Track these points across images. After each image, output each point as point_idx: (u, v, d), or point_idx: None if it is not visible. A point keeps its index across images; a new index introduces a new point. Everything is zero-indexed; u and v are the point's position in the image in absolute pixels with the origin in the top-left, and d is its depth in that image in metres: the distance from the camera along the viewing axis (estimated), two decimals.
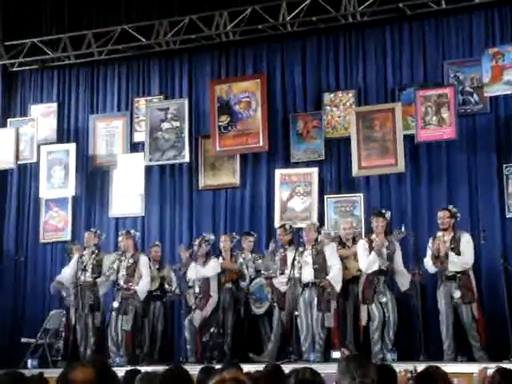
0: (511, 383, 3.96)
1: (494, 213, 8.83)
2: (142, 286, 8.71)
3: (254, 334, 8.67)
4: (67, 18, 11.11)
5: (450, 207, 8.12)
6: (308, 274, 8.06)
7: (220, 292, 8.56)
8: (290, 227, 8.64)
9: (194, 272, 8.56)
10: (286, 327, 8.12)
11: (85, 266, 8.84)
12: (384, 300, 7.89)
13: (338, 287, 8.00)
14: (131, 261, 8.80)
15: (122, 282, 8.71)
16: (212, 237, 8.98)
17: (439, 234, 7.98)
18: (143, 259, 8.89)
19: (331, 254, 8.16)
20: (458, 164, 9.11)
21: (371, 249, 8.01)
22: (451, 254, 7.75)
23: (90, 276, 8.86)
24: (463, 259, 7.78)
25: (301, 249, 8.21)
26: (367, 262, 7.98)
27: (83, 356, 8.62)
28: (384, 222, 8.14)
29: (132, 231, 9.22)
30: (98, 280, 8.84)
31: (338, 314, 8.07)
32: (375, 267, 7.93)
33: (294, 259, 8.08)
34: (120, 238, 9.06)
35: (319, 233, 8.36)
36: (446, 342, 7.72)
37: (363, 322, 7.92)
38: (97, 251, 9.07)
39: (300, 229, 8.67)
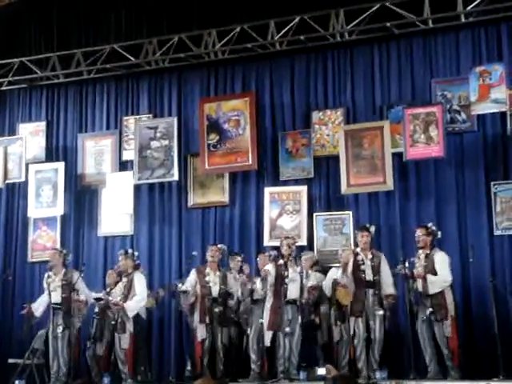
0: None
1: (482, 230, 8.84)
2: (131, 303, 8.53)
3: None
4: (56, 37, 11.12)
5: (429, 225, 8.11)
6: (294, 292, 8.03)
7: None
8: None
9: None
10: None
11: (50, 286, 8.68)
12: (380, 313, 7.86)
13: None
14: (125, 279, 8.69)
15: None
16: (194, 253, 8.96)
17: (420, 251, 8.00)
18: (137, 276, 8.73)
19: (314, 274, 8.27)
20: (446, 182, 9.14)
21: (355, 264, 8.01)
22: (429, 276, 7.75)
23: (59, 296, 8.64)
24: (441, 278, 7.78)
25: (281, 262, 8.18)
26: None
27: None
28: (368, 237, 8.17)
29: (130, 251, 9.06)
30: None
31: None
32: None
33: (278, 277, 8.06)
34: (120, 258, 8.92)
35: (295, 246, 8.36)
36: (426, 359, 7.73)
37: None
38: (64, 270, 8.82)
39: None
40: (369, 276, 7.99)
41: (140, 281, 8.68)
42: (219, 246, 8.82)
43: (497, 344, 7.56)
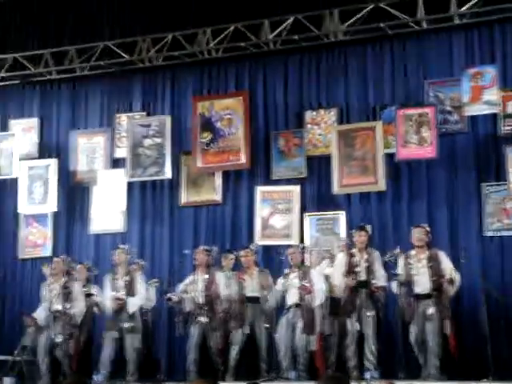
0: None
1: (472, 231, 8.88)
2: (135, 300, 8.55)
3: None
4: (49, 34, 11.10)
5: (426, 225, 8.14)
6: (293, 296, 8.05)
7: None
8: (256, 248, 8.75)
9: None
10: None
11: (50, 293, 8.63)
12: (370, 314, 7.81)
13: (314, 303, 8.01)
14: (127, 278, 8.65)
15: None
16: (186, 251, 8.96)
17: (413, 252, 7.98)
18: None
19: (315, 275, 8.21)
20: (437, 182, 9.17)
21: (350, 264, 8.00)
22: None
23: (61, 304, 8.55)
24: (457, 277, 7.81)
25: (286, 270, 8.25)
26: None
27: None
28: (366, 236, 8.16)
29: (122, 246, 9.10)
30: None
31: (320, 337, 8.06)
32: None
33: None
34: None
35: (303, 254, 8.37)
36: (420, 360, 7.74)
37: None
38: (65, 278, 8.75)
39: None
40: (362, 277, 7.95)
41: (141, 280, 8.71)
42: (202, 248, 8.77)
43: (487, 345, 7.59)
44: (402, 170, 9.35)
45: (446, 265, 7.83)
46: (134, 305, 8.51)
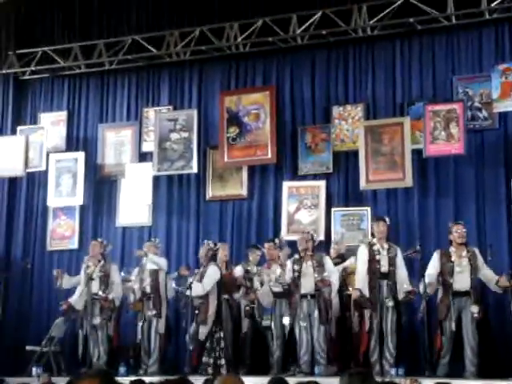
0: None
1: (501, 229, 8.81)
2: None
3: (257, 347, 8.64)
4: (78, 28, 11.19)
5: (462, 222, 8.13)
6: (309, 286, 8.04)
7: (219, 302, 8.49)
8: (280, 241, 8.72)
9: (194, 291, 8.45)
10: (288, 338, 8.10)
11: (91, 277, 8.80)
12: (390, 304, 7.79)
13: (333, 294, 8.06)
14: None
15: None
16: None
17: (453, 249, 7.93)
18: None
19: (331, 264, 8.21)
20: (465, 179, 9.11)
21: (371, 255, 7.98)
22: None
23: (98, 287, 8.79)
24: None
25: (296, 256, 8.21)
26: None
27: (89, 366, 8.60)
28: (385, 227, 8.10)
29: (153, 239, 9.25)
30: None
31: (337, 326, 8.10)
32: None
33: (293, 270, 8.08)
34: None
35: (314, 242, 8.33)
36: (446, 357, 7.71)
37: (367, 327, 7.83)
38: (103, 261, 9.02)
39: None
40: (384, 267, 7.92)
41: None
42: (207, 241, 8.83)
43: None
44: (430, 166, 9.30)
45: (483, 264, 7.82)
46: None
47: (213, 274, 8.43)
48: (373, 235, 8.28)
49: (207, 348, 8.27)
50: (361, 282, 7.94)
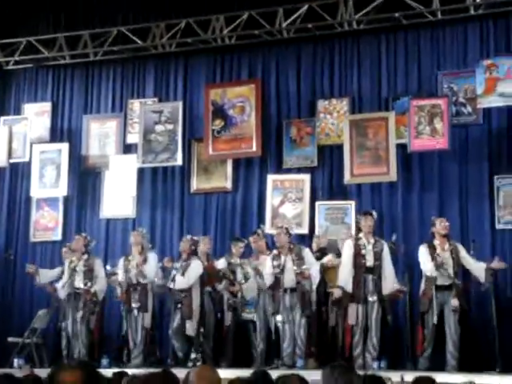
0: None
1: (484, 224, 8.87)
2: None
3: (239, 340, 8.66)
4: (63, 18, 11.12)
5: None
6: (290, 280, 8.03)
7: (202, 296, 8.51)
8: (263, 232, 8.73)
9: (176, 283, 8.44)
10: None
11: (74, 269, 8.76)
12: (372, 299, 7.82)
13: (314, 286, 8.06)
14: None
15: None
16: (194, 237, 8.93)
17: (436, 241, 7.98)
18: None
19: (310, 256, 8.23)
20: (449, 174, 9.16)
21: (356, 249, 8.01)
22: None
23: (82, 281, 8.75)
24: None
25: (275, 252, 8.21)
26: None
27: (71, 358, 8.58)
28: (372, 221, 8.13)
29: (140, 229, 9.22)
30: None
31: (315, 319, 8.12)
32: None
33: (273, 266, 8.09)
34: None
35: (290, 235, 8.32)
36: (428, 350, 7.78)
37: (350, 321, 7.83)
38: (86, 256, 8.96)
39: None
40: (369, 262, 7.94)
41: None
42: (186, 236, 8.90)
43: (495, 337, 7.61)
44: (414, 160, 9.34)
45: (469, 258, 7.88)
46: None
47: (196, 267, 8.45)
48: (359, 229, 8.28)
49: (195, 343, 8.27)
50: (344, 278, 7.94)
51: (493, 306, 7.78)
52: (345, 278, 7.94)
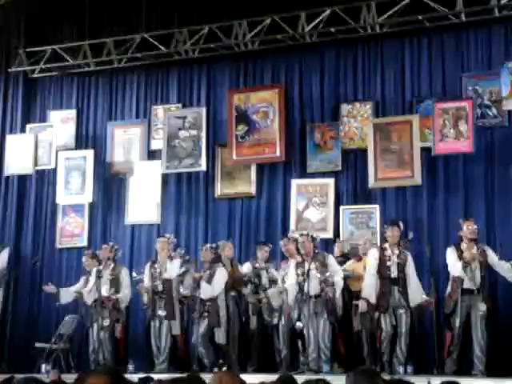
0: None
1: (510, 226, 8.77)
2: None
3: (264, 345, 8.65)
4: (88, 26, 11.20)
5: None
6: (314, 287, 7.98)
7: (227, 301, 8.53)
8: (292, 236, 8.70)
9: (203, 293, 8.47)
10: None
11: (99, 276, 8.81)
12: (401, 312, 7.79)
13: (337, 293, 8.02)
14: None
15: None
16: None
17: (464, 245, 7.88)
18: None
19: (334, 263, 8.17)
20: (474, 177, 9.08)
21: (382, 259, 7.95)
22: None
23: (107, 290, 8.80)
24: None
25: (299, 258, 8.17)
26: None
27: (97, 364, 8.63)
28: (398, 232, 8.07)
29: (167, 235, 9.24)
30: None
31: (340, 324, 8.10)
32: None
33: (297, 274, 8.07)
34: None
35: (314, 242, 8.25)
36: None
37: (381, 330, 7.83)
38: (113, 265, 9.04)
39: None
40: (394, 273, 7.89)
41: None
42: (205, 245, 9.01)
43: None
44: (439, 164, 9.27)
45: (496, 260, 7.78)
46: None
47: (221, 276, 8.50)
48: (385, 239, 8.22)
49: (224, 351, 8.31)
50: (368, 289, 7.91)
51: None
52: (369, 289, 7.91)
